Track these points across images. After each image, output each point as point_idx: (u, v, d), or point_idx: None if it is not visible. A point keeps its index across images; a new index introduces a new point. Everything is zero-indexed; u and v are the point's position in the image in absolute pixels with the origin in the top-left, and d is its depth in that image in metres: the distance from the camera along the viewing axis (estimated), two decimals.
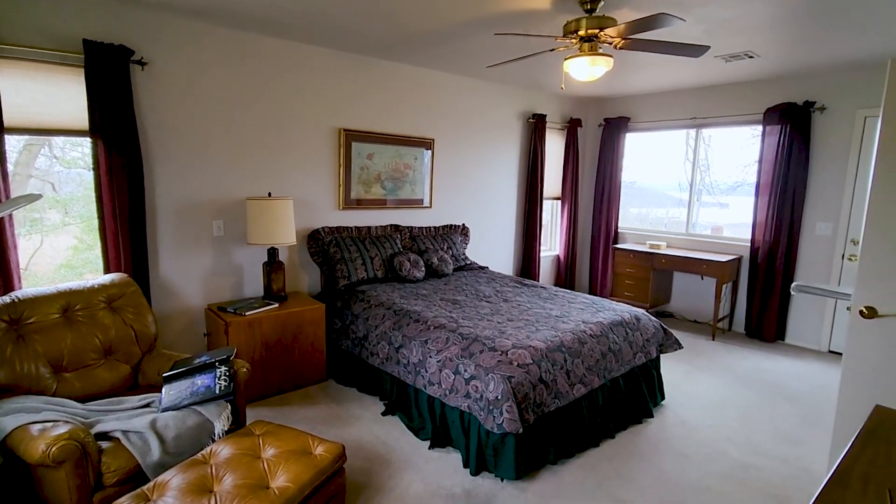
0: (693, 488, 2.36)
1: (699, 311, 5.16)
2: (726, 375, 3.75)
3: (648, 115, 5.40)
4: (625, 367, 2.92)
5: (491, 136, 4.99)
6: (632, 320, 3.12)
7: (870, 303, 2.21)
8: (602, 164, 5.73)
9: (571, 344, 2.67)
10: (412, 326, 2.92)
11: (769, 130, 4.45)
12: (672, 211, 5.60)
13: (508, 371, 2.34)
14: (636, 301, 5.07)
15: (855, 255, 4.11)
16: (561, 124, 5.66)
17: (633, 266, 5.09)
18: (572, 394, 2.55)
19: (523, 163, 5.38)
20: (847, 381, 2.30)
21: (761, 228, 4.54)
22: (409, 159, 4.35)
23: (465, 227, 4.78)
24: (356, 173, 4.02)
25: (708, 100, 4.91)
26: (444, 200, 4.70)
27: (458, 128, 4.69)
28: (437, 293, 3.57)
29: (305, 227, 3.79)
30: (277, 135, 3.53)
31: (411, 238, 4.30)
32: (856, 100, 4.02)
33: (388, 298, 3.35)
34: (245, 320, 3.02)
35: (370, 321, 3.18)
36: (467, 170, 4.85)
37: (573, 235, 5.84)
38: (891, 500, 0.90)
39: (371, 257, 3.82)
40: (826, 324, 4.31)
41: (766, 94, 4.49)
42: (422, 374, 2.71)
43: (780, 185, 4.37)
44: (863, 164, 4.03)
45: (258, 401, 3.12)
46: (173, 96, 3.06)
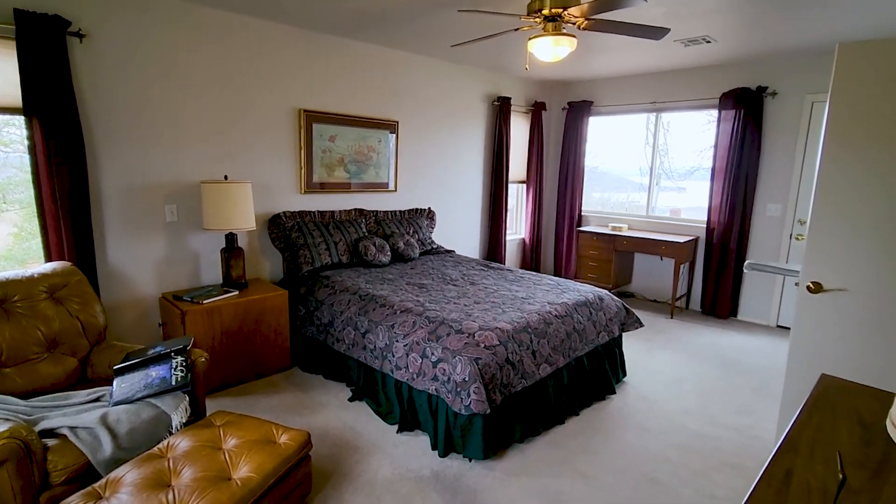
0: (654, 459, 2.45)
1: (659, 290, 5.33)
2: (684, 352, 3.90)
3: (611, 98, 5.47)
4: (589, 346, 2.99)
5: (456, 118, 4.94)
6: (595, 300, 3.18)
7: (816, 278, 2.32)
8: (566, 147, 5.78)
9: (537, 325, 2.70)
10: (378, 311, 2.88)
11: (724, 115, 4.59)
12: (633, 195, 5.73)
13: (475, 353, 2.35)
14: (599, 282, 5.19)
15: (802, 235, 4.33)
16: (526, 107, 5.66)
17: (597, 248, 5.19)
18: (538, 373, 2.58)
19: (489, 146, 5.36)
20: (795, 352, 2.42)
21: (716, 211, 4.71)
22: (373, 142, 4.26)
23: (431, 210, 4.74)
24: (318, 156, 3.90)
25: (667, 84, 5.01)
26: (410, 184, 4.64)
27: (423, 110, 4.61)
28: (403, 277, 3.53)
29: (266, 212, 3.66)
30: (233, 115, 3.37)
31: (377, 222, 4.23)
32: (804, 85, 4.19)
33: (353, 284, 3.29)
34: (203, 309, 2.90)
35: (335, 307, 3.12)
36: (433, 153, 4.79)
37: (538, 219, 5.90)
38: (840, 463, 0.94)
39: (335, 242, 3.74)
40: (775, 301, 4.54)
41: (722, 79, 4.62)
42: (389, 358, 2.68)
43: (734, 169, 4.53)
44: (810, 147, 4.21)
45: (219, 391, 3.03)
46: (116, 72, 2.86)
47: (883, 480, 1.07)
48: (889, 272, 2.10)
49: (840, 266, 2.26)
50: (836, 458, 1.15)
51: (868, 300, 2.17)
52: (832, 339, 2.30)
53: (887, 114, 2.04)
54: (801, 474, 1.09)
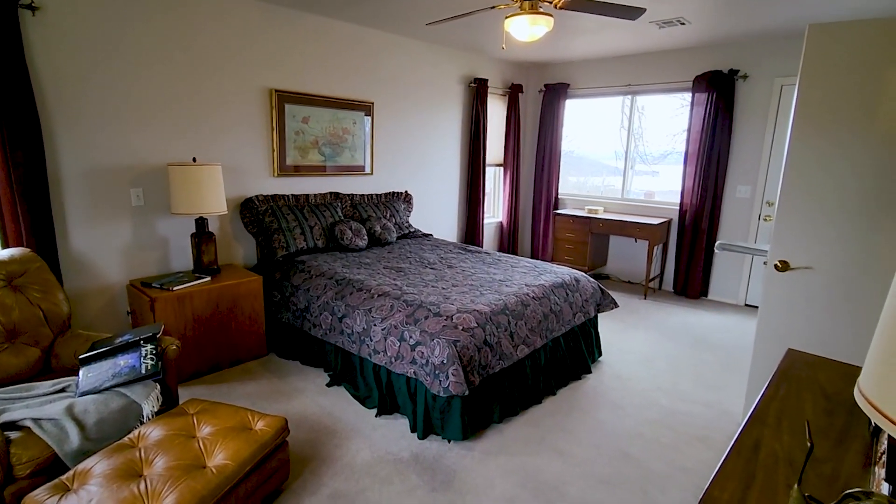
0: (628, 435, 2.51)
1: (633, 272, 5.43)
2: (656, 331, 3.99)
3: (587, 81, 5.47)
4: (565, 327, 3.03)
5: (433, 100, 4.87)
6: (572, 282, 3.22)
7: (783, 257, 2.39)
8: (543, 130, 5.78)
9: (515, 306, 2.72)
10: (355, 295, 2.85)
11: (697, 98, 4.64)
12: (608, 179, 5.78)
13: (454, 335, 2.35)
14: (575, 264, 5.26)
15: (770, 216, 4.45)
16: (502, 90, 5.62)
17: (573, 231, 5.24)
18: (516, 355, 2.60)
19: (466, 129, 5.32)
20: (762, 328, 2.50)
21: (689, 193, 4.80)
22: (348, 124, 4.17)
23: (408, 194, 4.70)
24: (291, 138, 3.80)
25: (642, 67, 5.03)
26: (386, 167, 4.57)
27: (399, 91, 4.53)
28: (380, 261, 3.50)
29: (237, 196, 3.56)
30: (200, 95, 3.24)
31: (353, 206, 4.17)
32: (774, 68, 4.26)
33: (329, 268, 3.24)
34: (173, 296, 2.82)
35: (311, 292, 3.07)
36: (409, 135, 4.72)
37: (516, 202, 5.91)
38: (808, 432, 0.97)
39: (310, 226, 3.67)
40: (743, 280, 4.68)
41: (696, 62, 4.66)
42: (366, 343, 2.66)
43: (706, 152, 4.60)
44: (779, 130, 4.31)
45: (192, 379, 2.96)
46: (74, 48, 2.71)
47: (845, 448, 1.11)
48: (853, 251, 2.17)
49: (806, 245, 2.32)
50: (805, 428, 1.19)
51: (833, 278, 2.25)
52: (798, 316, 2.38)
53: (855, 95, 2.08)
54: (769, 444, 1.12)
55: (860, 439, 1.15)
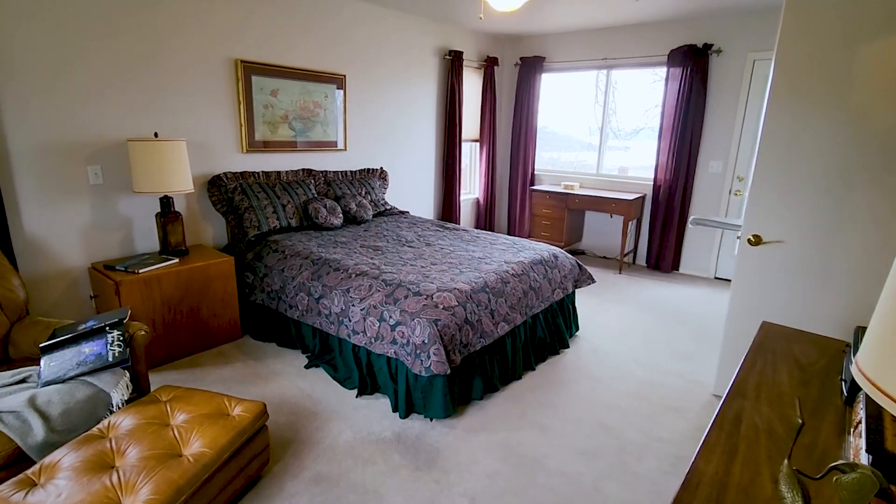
0: (605, 407, 2.57)
1: (608, 247, 5.50)
2: (631, 305, 4.07)
3: (563, 54, 5.40)
4: (544, 304, 3.04)
5: (407, 73, 4.73)
6: (550, 258, 3.23)
7: (756, 231, 2.43)
8: (519, 104, 5.71)
9: (495, 284, 2.71)
10: (332, 275, 2.79)
11: (672, 73, 4.65)
12: (582, 155, 5.80)
13: (434, 315, 2.33)
14: (552, 240, 5.29)
15: (740, 191, 4.54)
16: (478, 62, 5.50)
17: (550, 207, 5.25)
18: (496, 332, 2.61)
19: (441, 103, 5.21)
20: (736, 301, 2.56)
21: (662, 168, 4.84)
22: (319, 97, 4.01)
23: (384, 170, 4.60)
24: (259, 112, 3.63)
25: (618, 40, 4.99)
26: (360, 143, 4.45)
27: (372, 63, 4.38)
28: (357, 240, 3.43)
29: (205, 173, 3.40)
30: (162, 65, 3.05)
31: (326, 183, 4.05)
32: (747, 43, 4.29)
33: (304, 248, 3.16)
34: (139, 279, 2.70)
35: (286, 272, 2.99)
36: (384, 109, 4.59)
37: (492, 178, 5.87)
38: (799, 409, 0.99)
39: (283, 205, 3.55)
40: (713, 254, 4.80)
41: (671, 35, 4.65)
42: (345, 323, 2.62)
43: (679, 127, 4.64)
44: (751, 106, 4.37)
45: (164, 365, 2.87)
46: (17, 10, 2.48)
47: (820, 418, 1.14)
48: (823, 225, 2.23)
49: (778, 220, 2.37)
50: (790, 403, 1.22)
51: (804, 251, 2.31)
52: (770, 288, 2.45)
53: (831, 71, 2.10)
54: (749, 417, 1.14)
55: (833, 408, 1.18)
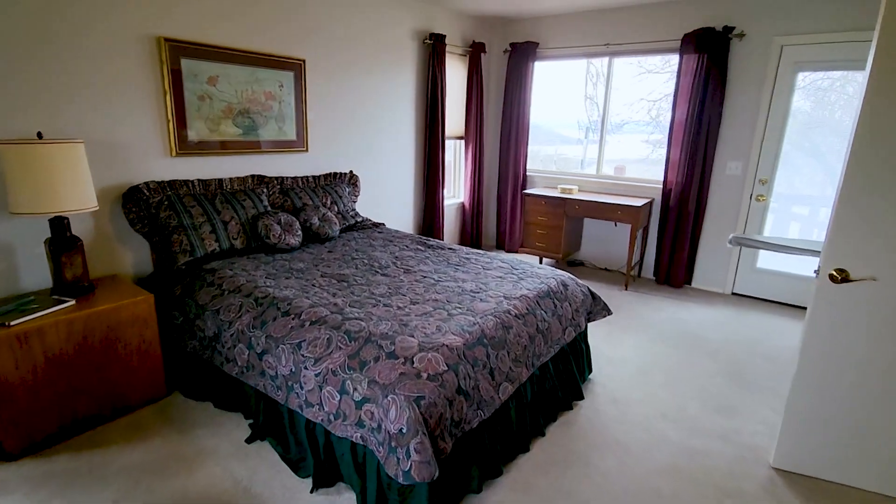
0: (640, 491, 1.96)
1: (610, 257, 4.92)
2: (645, 331, 3.48)
3: (559, 39, 4.77)
4: (554, 348, 2.42)
5: (380, 59, 4.03)
6: (559, 288, 2.60)
7: (841, 265, 1.84)
8: (509, 97, 5.06)
9: (494, 332, 2.07)
10: (280, 322, 2.10)
11: (686, 60, 4.06)
12: (577, 151, 5.22)
13: (415, 389, 1.67)
14: (548, 252, 4.67)
15: (763, 196, 3.99)
16: (462, 48, 4.83)
17: (545, 214, 4.63)
18: (498, 398, 1.97)
19: (421, 94, 4.52)
20: (809, 352, 1.97)
21: (674, 170, 4.26)
22: (272, 86, 3.29)
23: (354, 175, 3.90)
24: (193, 104, 2.90)
25: (622, 23, 4.38)
26: (325, 142, 3.74)
27: (338, 47, 3.66)
28: (318, 266, 2.74)
29: (118, 184, 2.66)
30: (53, 46, 2.30)
31: (282, 192, 3.34)
32: (774, 26, 3.72)
33: (248, 280, 2.46)
34: (10, 334, 1.97)
35: (222, 315, 2.29)
36: (353, 102, 3.88)
37: (479, 180, 5.22)
38: None
39: (225, 222, 2.84)
40: (731, 268, 4.25)
41: (685, 17, 4.05)
42: (296, 390, 1.94)
43: (694, 122, 4.06)
44: (776, 99, 3.80)
45: (55, 445, 2.15)
46: None
47: None
48: None
49: (873, 251, 1.78)
50: None
51: None
52: (857, 339, 1.86)
53: None
54: None
55: None
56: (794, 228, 4.11)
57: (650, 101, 4.79)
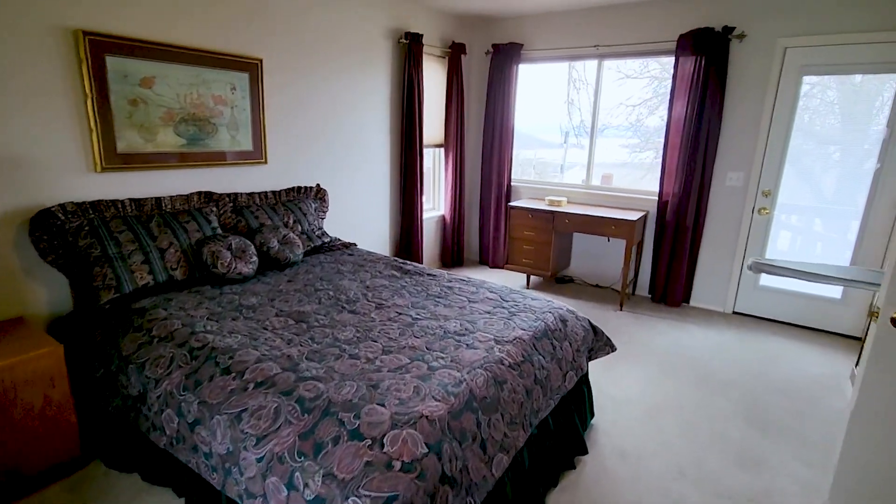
0: None
1: (601, 274, 4.59)
2: (647, 362, 3.15)
3: (544, 40, 4.44)
4: (555, 399, 2.04)
5: (351, 59, 3.62)
6: (557, 325, 2.23)
7: None
8: (491, 102, 4.71)
9: (486, 390, 1.68)
10: (218, 383, 1.67)
11: (682, 63, 3.76)
12: (548, 153, 4.99)
13: (386, 486, 1.27)
14: (536, 269, 4.32)
15: (766, 209, 3.71)
16: (441, 50, 4.46)
17: (532, 228, 4.27)
18: (492, 475, 1.58)
19: (396, 99, 4.13)
20: (864, 407, 1.64)
21: (670, 180, 3.96)
22: (223, 90, 2.86)
23: (321, 189, 3.48)
24: (123, 110, 2.45)
25: (613, 24, 4.07)
26: (287, 152, 3.31)
27: (302, 45, 3.25)
28: (273, 301, 2.32)
29: (26, 207, 2.20)
30: None
31: (236, 211, 2.90)
32: (777, 26, 3.45)
33: (184, 323, 2.02)
34: None
35: (148, 370, 1.85)
36: (319, 107, 3.47)
37: (460, 191, 4.84)
38: None
39: (162, 249, 2.39)
40: (732, 286, 3.96)
41: (681, 16, 3.76)
42: (234, 475, 1.52)
43: (692, 129, 3.76)
44: (779, 105, 3.53)
45: None
46: None
47: None
48: None
49: None
50: None
51: None
52: None
53: None
54: None
55: None
56: (798, 242, 3.85)
57: (629, 105, 4.70)
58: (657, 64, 4.50)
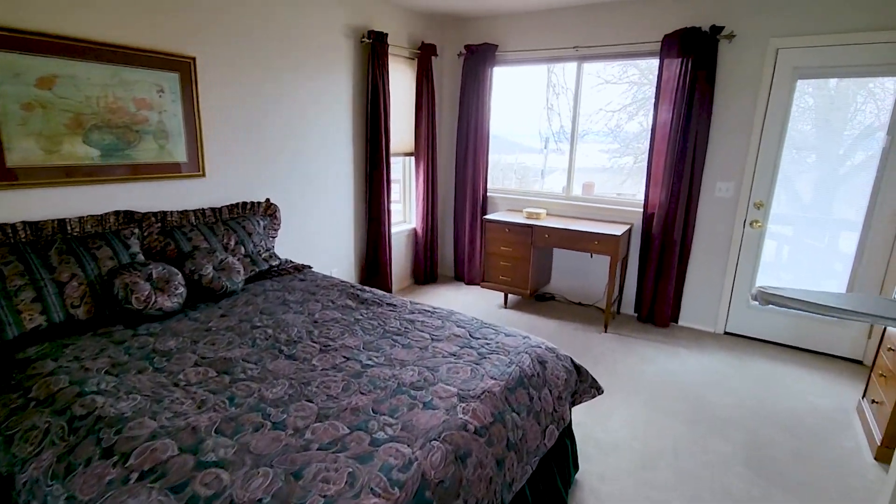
0: None
1: (583, 291, 4.28)
2: (636, 395, 2.83)
3: (520, 42, 4.14)
4: (532, 464, 1.70)
5: (305, 59, 3.26)
6: (535, 369, 1.89)
7: None
8: (465, 106, 4.38)
9: (442, 471, 1.32)
10: (94, 469, 1.29)
11: (667, 66, 3.49)
12: (529, 158, 4.74)
13: None
14: (514, 287, 3.99)
15: (758, 221, 3.45)
16: (409, 51, 4.12)
17: (510, 243, 3.95)
18: None
19: (359, 103, 3.77)
20: None
21: (656, 190, 3.68)
22: (147, 92, 2.46)
23: (272, 204, 3.09)
24: (14, 116, 2.04)
25: (594, 23, 3.79)
26: (230, 164, 2.92)
27: (245, 42, 2.87)
28: (197, 344, 1.93)
29: None
30: None
31: (164, 233, 2.50)
32: (769, 25, 3.20)
33: (73, 380, 1.62)
34: None
35: (16, 445, 1.45)
36: (268, 112, 3.09)
37: (433, 203, 4.50)
38: None
39: (61, 283, 1.98)
40: (723, 303, 3.68)
41: (666, 15, 3.49)
42: None
43: (679, 137, 3.49)
44: (773, 109, 3.28)
45: None
46: None
47: None
48: None
49: None
50: None
51: None
52: None
53: None
54: None
55: None
56: (785, 252, 3.60)
57: (609, 111, 4.59)
58: (636, 69, 4.44)
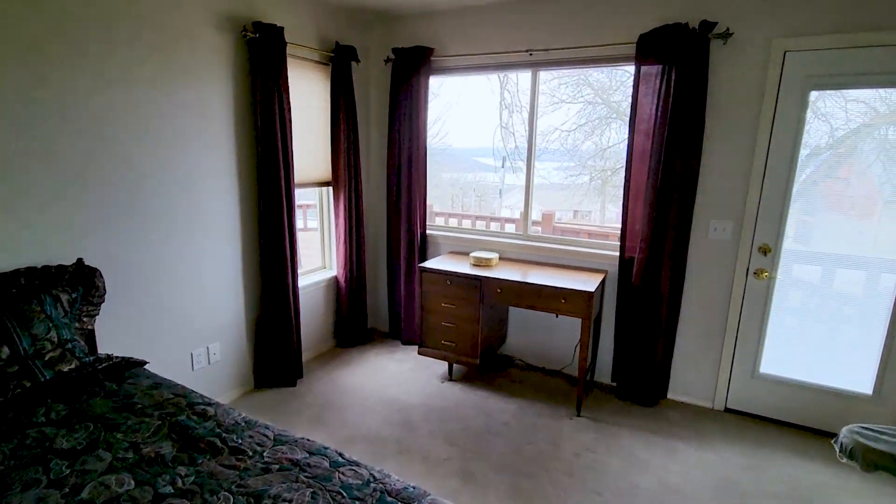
0: None
1: (548, 353, 3.42)
2: None
3: (461, 45, 3.31)
4: None
5: (149, 56, 2.29)
6: None
7: None
8: (395, 124, 3.50)
9: None
10: None
11: (645, 75, 2.74)
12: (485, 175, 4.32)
13: None
14: (460, 355, 3.09)
15: (765, 271, 2.70)
16: (320, 53, 3.22)
17: (453, 299, 3.06)
18: None
19: (242, 120, 2.81)
20: None
21: (634, 230, 2.89)
22: None
23: (87, 268, 2.07)
24: None
25: (551, 22, 3.00)
26: (8, 209, 1.90)
27: (46, 27, 1.88)
28: None
29: None
30: None
31: None
32: (772, 23, 2.48)
33: None
34: None
35: None
36: (84, 132, 2.09)
37: (359, 243, 3.57)
38: None
39: None
40: (723, 372, 2.90)
41: (643, 10, 2.74)
42: None
43: (661, 165, 2.72)
44: (780, 123, 2.55)
45: None
46: None
47: None
48: None
49: None
50: None
51: None
52: None
53: None
54: None
55: None
56: (811, 305, 2.86)
57: (564, 131, 4.55)
58: (590, 89, 4.35)
